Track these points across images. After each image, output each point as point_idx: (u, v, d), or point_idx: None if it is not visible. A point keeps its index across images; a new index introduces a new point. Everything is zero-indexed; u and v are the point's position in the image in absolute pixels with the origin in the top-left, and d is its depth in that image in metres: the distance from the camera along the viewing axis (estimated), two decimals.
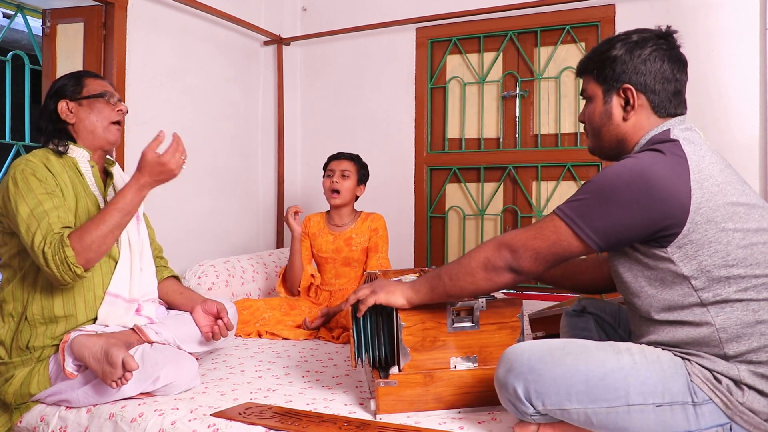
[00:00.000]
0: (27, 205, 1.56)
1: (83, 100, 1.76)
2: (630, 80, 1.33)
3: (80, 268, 1.53)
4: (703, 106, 2.82)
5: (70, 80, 1.78)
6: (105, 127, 1.78)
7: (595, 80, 1.38)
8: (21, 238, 1.57)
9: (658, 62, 1.32)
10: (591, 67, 1.39)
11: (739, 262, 1.20)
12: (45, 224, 1.54)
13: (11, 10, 2.98)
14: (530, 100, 3.25)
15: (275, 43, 3.71)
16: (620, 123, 1.36)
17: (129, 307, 1.75)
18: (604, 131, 1.39)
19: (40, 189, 1.60)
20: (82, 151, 1.75)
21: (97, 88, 1.78)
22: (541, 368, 1.24)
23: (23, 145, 2.84)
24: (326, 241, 2.77)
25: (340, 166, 2.75)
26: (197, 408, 1.54)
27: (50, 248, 1.51)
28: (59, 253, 1.51)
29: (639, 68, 1.32)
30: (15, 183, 1.59)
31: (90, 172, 1.76)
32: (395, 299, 1.47)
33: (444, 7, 3.34)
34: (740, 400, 1.18)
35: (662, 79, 1.33)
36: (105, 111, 1.78)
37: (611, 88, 1.36)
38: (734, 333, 1.20)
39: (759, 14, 2.74)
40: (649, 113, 1.35)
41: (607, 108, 1.37)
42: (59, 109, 1.74)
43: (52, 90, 1.78)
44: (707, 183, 1.22)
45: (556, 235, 1.28)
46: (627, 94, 1.34)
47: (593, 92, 1.40)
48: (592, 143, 1.45)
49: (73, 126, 1.76)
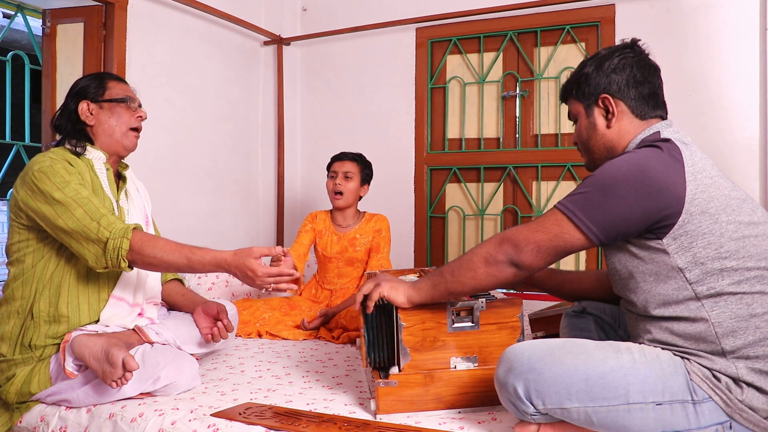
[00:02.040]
0: (63, 192, 1.57)
1: (104, 103, 1.76)
2: (605, 90, 1.42)
3: (126, 263, 1.56)
4: (703, 106, 2.82)
5: (93, 81, 1.78)
6: (123, 132, 1.78)
7: (576, 99, 1.48)
8: (53, 218, 1.56)
9: (627, 68, 1.41)
10: (570, 89, 1.49)
11: (732, 254, 1.22)
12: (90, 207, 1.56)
13: (11, 10, 2.98)
14: (530, 100, 3.25)
15: (275, 43, 3.71)
16: (605, 131, 1.43)
17: (132, 310, 1.76)
18: (592, 143, 1.46)
19: (75, 179, 1.61)
20: (98, 153, 1.75)
21: (120, 93, 1.78)
22: (541, 367, 1.24)
23: (23, 145, 2.84)
24: (331, 241, 2.77)
25: (342, 168, 2.74)
26: (197, 408, 1.54)
27: (110, 231, 1.54)
28: (116, 240, 1.54)
29: (611, 77, 1.41)
30: (44, 174, 1.59)
31: (105, 174, 1.75)
32: (397, 296, 1.47)
33: (444, 7, 3.34)
34: (739, 398, 1.19)
35: (634, 83, 1.40)
36: (125, 116, 1.78)
37: (591, 102, 1.45)
38: (729, 327, 1.21)
39: (759, 14, 2.74)
40: (630, 118, 1.41)
41: (591, 120, 1.45)
42: (80, 109, 1.74)
43: (74, 89, 1.77)
44: (701, 175, 1.25)
45: (557, 228, 1.29)
46: (605, 103, 1.42)
47: (577, 111, 1.49)
48: (586, 159, 1.53)
49: (91, 128, 1.76)
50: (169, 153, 2.99)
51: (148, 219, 1.87)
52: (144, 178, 2.62)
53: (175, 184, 3.05)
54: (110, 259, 1.55)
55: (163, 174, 2.95)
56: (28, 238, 1.66)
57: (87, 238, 1.55)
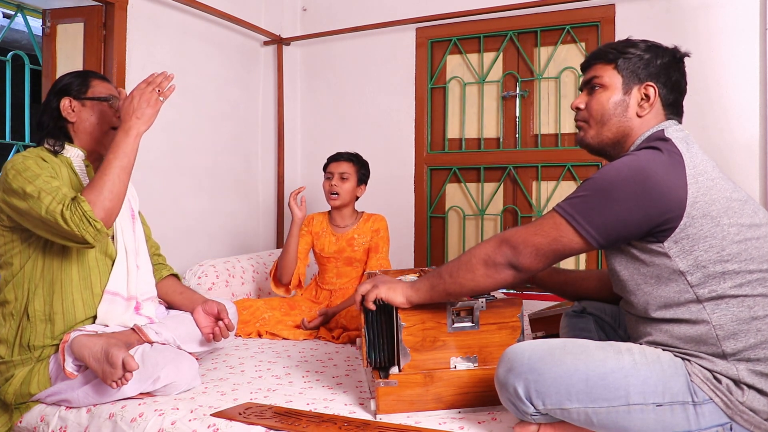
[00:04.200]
0: (34, 185, 1.55)
1: (87, 101, 1.76)
2: (655, 80, 1.38)
3: (100, 222, 1.51)
4: (703, 106, 2.82)
5: (77, 79, 1.78)
6: (104, 131, 1.77)
7: (617, 69, 1.40)
8: (29, 212, 1.53)
9: (676, 73, 1.40)
10: (612, 57, 1.41)
11: (734, 257, 1.22)
12: (59, 193, 1.53)
13: (11, 10, 2.98)
14: (530, 100, 3.25)
15: (275, 43, 3.71)
16: (633, 117, 1.40)
17: (128, 305, 1.75)
18: (614, 121, 1.40)
19: (45, 172, 1.59)
20: (76, 151, 1.75)
21: (103, 91, 1.78)
22: (541, 368, 1.24)
23: (23, 145, 2.84)
24: (329, 241, 2.77)
25: (338, 169, 2.74)
26: (197, 408, 1.54)
27: (67, 209, 1.50)
28: (77, 211, 1.50)
29: (662, 72, 1.38)
30: (17, 171, 1.58)
31: (84, 171, 1.75)
32: (395, 297, 1.47)
33: (444, 7, 3.33)
34: (740, 400, 1.19)
35: (677, 88, 1.40)
36: (107, 115, 1.78)
37: (634, 81, 1.39)
38: (731, 330, 1.21)
39: (759, 14, 2.74)
40: (658, 114, 1.40)
41: (626, 99, 1.40)
42: (62, 105, 1.74)
43: (57, 86, 1.77)
44: (702, 178, 1.24)
45: (556, 231, 1.28)
46: (649, 91, 1.38)
47: (610, 81, 1.41)
48: (590, 131, 1.44)
49: (72, 125, 1.76)
50: (169, 153, 2.99)
51: (134, 214, 1.86)
52: (144, 178, 2.63)
53: (175, 184, 3.05)
54: (86, 231, 1.50)
55: (162, 174, 2.95)
56: (12, 239, 1.65)
57: (56, 222, 1.51)
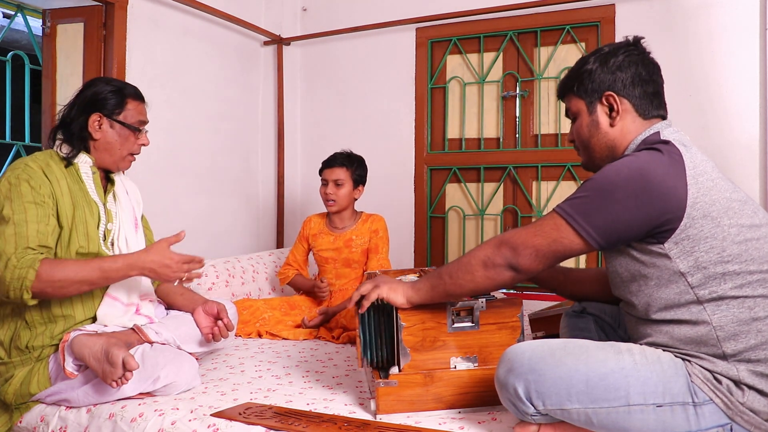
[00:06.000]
0: (11, 209, 1.54)
1: (117, 124, 1.75)
2: (610, 87, 1.38)
3: (29, 294, 1.48)
4: (703, 106, 2.82)
5: (114, 97, 1.74)
6: (122, 156, 1.78)
7: (577, 96, 1.43)
8: None
9: (633, 66, 1.38)
10: (570, 85, 1.45)
11: (734, 258, 1.21)
12: (22, 232, 1.51)
13: (11, 10, 2.98)
14: (530, 100, 3.25)
15: (275, 43, 3.71)
16: (608, 130, 1.40)
17: (127, 309, 1.75)
18: (594, 141, 1.43)
19: (29, 197, 1.57)
20: (85, 157, 1.73)
21: (134, 117, 1.77)
22: (541, 368, 1.24)
23: (23, 145, 2.84)
24: (326, 241, 2.77)
25: (332, 176, 2.71)
26: (197, 408, 1.54)
27: (18, 261, 1.48)
28: (22, 269, 1.47)
29: (616, 75, 1.38)
30: (9, 184, 1.58)
31: (90, 178, 1.73)
32: (396, 297, 1.47)
33: (444, 7, 3.34)
34: (741, 401, 1.18)
35: (640, 81, 1.38)
36: (129, 142, 1.77)
37: (594, 99, 1.41)
38: (731, 331, 1.21)
39: (759, 14, 2.74)
40: (634, 117, 1.39)
41: (593, 118, 1.42)
42: (90, 120, 1.72)
43: (93, 97, 1.73)
44: (702, 179, 1.24)
45: (556, 232, 1.28)
46: (610, 100, 1.39)
47: (577, 108, 1.44)
48: (584, 158, 1.49)
49: (94, 141, 1.74)
50: (169, 153, 2.99)
51: (137, 221, 1.86)
52: (143, 178, 2.62)
53: (175, 185, 3.05)
54: (13, 290, 1.47)
55: (162, 174, 2.95)
56: None
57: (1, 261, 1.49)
